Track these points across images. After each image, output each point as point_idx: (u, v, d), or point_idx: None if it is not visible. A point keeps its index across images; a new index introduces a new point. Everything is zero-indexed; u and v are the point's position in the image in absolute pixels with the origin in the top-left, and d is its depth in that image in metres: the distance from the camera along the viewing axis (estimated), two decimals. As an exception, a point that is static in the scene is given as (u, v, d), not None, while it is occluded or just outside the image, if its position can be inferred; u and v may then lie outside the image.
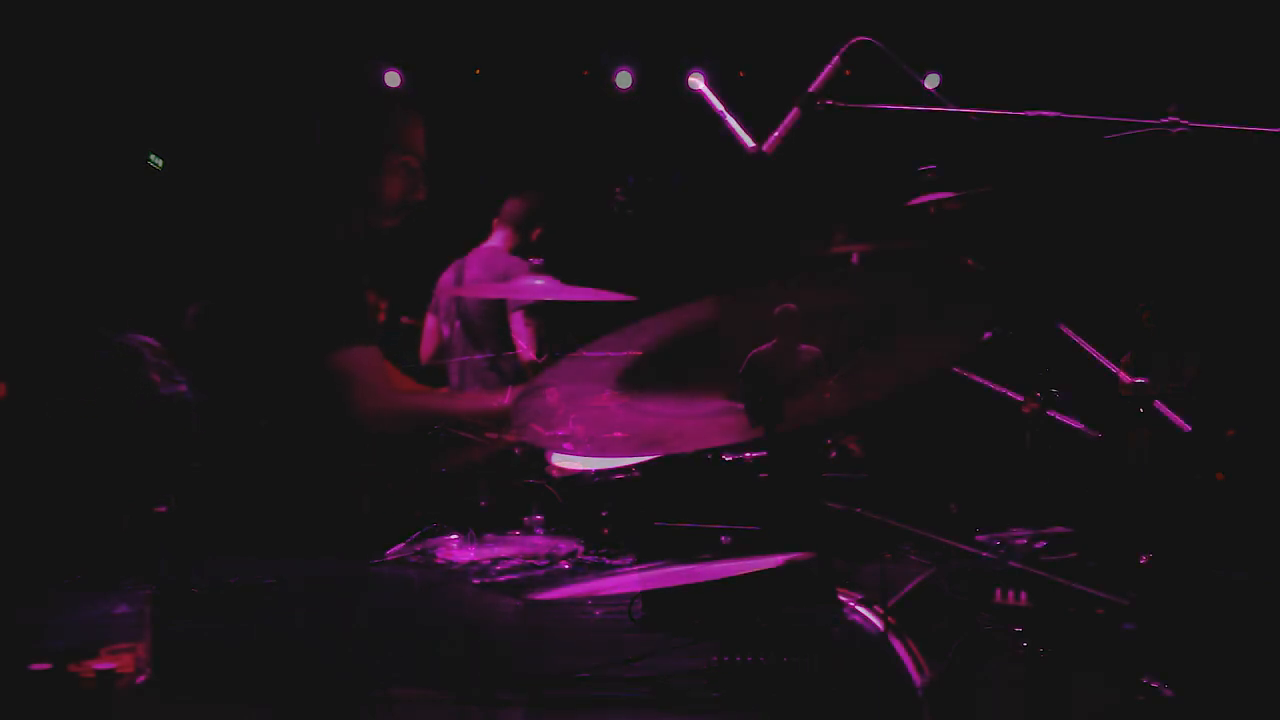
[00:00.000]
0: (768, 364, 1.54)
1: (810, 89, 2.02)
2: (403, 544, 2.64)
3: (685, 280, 1.67)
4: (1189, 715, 1.92)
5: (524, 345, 4.30)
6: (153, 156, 6.32)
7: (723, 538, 2.76)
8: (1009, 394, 2.17)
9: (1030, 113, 1.89)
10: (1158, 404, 1.88)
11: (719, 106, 2.07)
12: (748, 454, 2.78)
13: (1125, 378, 1.87)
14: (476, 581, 2.32)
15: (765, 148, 1.98)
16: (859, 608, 2.19)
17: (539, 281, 3.18)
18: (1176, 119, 1.80)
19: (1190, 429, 1.88)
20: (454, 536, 2.71)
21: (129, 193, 6.41)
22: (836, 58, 2.03)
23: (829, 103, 2.00)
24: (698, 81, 2.12)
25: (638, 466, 2.85)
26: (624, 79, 6.04)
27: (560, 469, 2.97)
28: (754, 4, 5.46)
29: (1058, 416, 2.12)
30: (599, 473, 2.89)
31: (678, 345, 1.43)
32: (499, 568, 2.40)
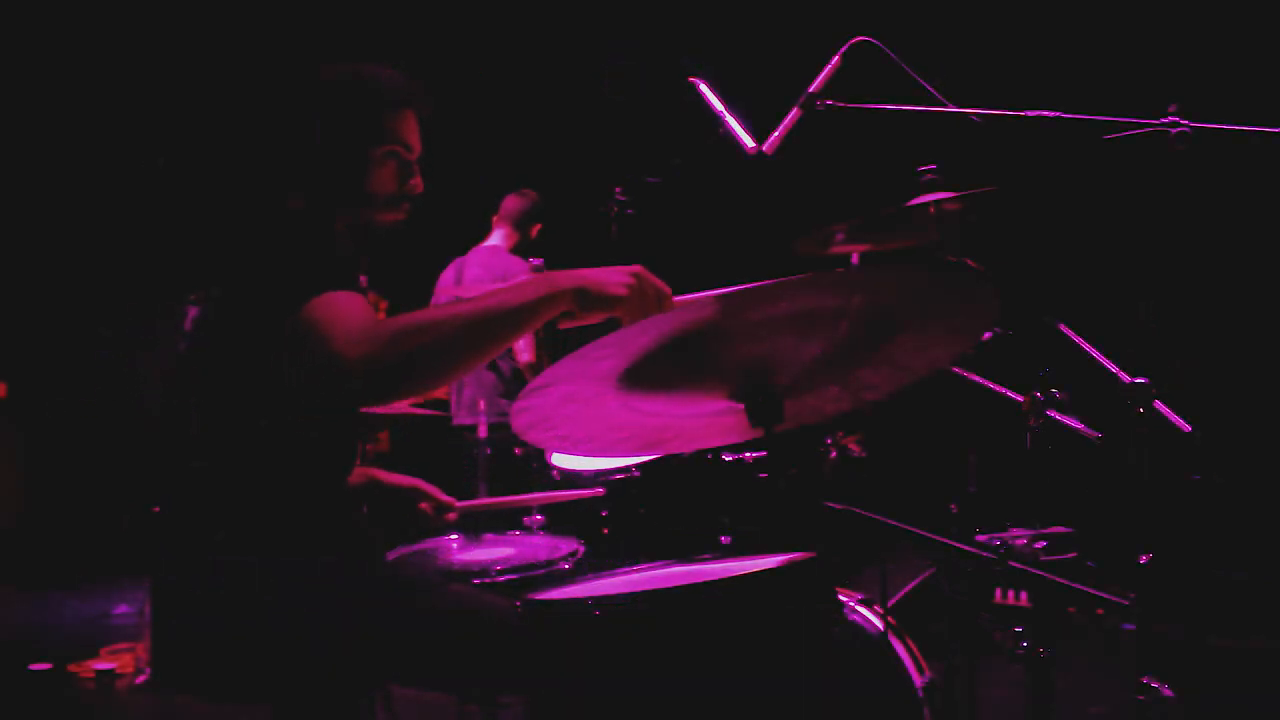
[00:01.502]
0: (768, 364, 1.54)
1: (810, 89, 2.02)
2: (403, 544, 2.65)
3: (685, 280, 1.66)
4: (1189, 715, 1.92)
5: (521, 345, 4.30)
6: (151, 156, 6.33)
7: (722, 537, 2.77)
8: (1009, 394, 2.17)
9: (1030, 113, 1.89)
10: (1158, 404, 1.88)
11: (719, 106, 2.07)
12: (748, 454, 2.78)
13: (1125, 378, 1.87)
14: (476, 582, 2.33)
15: (765, 148, 1.98)
16: (859, 608, 2.19)
17: (539, 281, 3.18)
18: (1176, 119, 1.80)
19: (1190, 429, 1.88)
20: (454, 536, 2.71)
21: (127, 192, 6.42)
22: (837, 58, 2.03)
23: (829, 103, 2.00)
24: (698, 82, 2.12)
25: (638, 466, 2.85)
26: (625, 78, 6.05)
27: (560, 469, 2.97)
28: (754, 4, 5.46)
29: (1058, 416, 2.12)
30: (598, 473, 2.89)
31: (678, 345, 1.42)
32: (499, 568, 2.40)
